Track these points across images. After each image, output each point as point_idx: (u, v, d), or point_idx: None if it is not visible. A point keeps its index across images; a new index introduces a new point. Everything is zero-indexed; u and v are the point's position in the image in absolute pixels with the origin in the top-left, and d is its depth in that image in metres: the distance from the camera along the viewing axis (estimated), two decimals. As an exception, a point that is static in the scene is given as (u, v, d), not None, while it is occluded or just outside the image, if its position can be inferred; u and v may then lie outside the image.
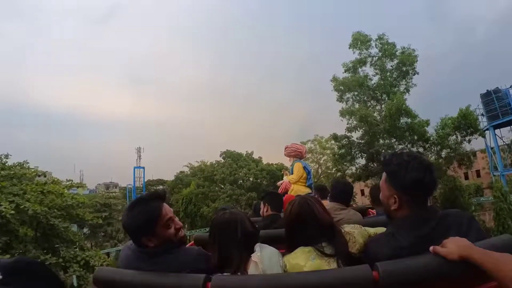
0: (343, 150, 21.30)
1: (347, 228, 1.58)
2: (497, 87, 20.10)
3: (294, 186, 4.76)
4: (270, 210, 2.97)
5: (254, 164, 31.20)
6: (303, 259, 1.41)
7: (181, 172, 41.34)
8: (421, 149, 19.60)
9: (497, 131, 21.43)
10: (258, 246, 1.49)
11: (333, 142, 25.14)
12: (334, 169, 26.06)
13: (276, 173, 30.77)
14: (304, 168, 4.92)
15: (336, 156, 22.17)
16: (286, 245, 1.59)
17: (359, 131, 20.26)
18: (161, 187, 41.73)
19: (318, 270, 1.31)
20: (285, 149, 5.20)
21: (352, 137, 21.31)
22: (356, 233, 1.52)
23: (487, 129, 20.45)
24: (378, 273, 1.05)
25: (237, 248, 1.47)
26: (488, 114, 20.13)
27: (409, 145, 19.66)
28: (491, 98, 19.99)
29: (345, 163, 21.54)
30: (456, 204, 16.30)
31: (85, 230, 29.91)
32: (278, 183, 5.21)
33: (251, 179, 30.77)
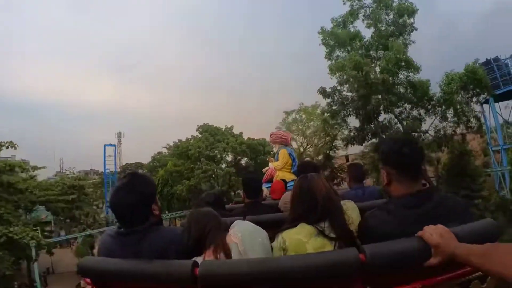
0: (335, 107, 18.22)
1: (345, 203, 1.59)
2: (497, 56, 18.48)
3: (280, 173, 4.77)
4: (246, 198, 2.85)
5: (233, 138, 28.19)
6: (305, 236, 1.37)
7: (158, 153, 39.06)
8: (422, 111, 16.95)
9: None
10: (236, 224, 1.49)
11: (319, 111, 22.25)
12: (323, 137, 23.05)
13: (257, 148, 27.92)
14: (290, 154, 4.96)
15: (326, 115, 19.19)
16: (289, 221, 1.52)
17: (352, 83, 16.84)
18: (140, 171, 38.94)
19: (306, 254, 1.27)
20: (270, 136, 5.36)
21: (344, 91, 18.27)
22: (350, 210, 1.53)
23: (486, 102, 18.80)
24: (365, 256, 1.06)
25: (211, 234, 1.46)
26: (490, 83, 17.90)
27: (408, 106, 16.90)
28: (491, 67, 18.11)
29: (336, 125, 18.63)
30: (466, 171, 14.13)
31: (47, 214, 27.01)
32: (264, 170, 5.17)
33: (229, 154, 27.86)
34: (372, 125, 16.91)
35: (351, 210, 1.52)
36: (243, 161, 28.84)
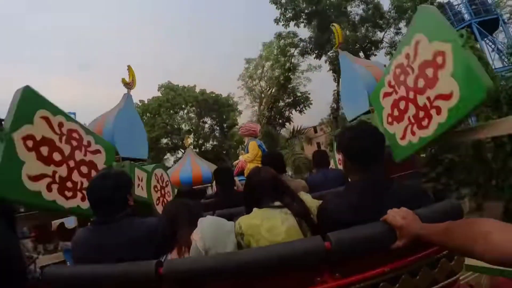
0: (288, 15, 18.44)
1: (301, 194, 1.63)
2: (449, 0, 18.75)
3: (250, 165, 4.84)
4: (219, 190, 2.97)
5: (197, 93, 27.41)
6: (259, 219, 1.42)
7: None
8: (378, 31, 17.47)
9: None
10: (199, 222, 1.46)
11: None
12: (279, 62, 22.99)
13: (223, 102, 27.37)
14: (259, 146, 5.09)
15: (282, 46, 19.20)
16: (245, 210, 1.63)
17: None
18: None
19: (269, 245, 1.24)
20: (239, 129, 6.07)
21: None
22: (308, 200, 1.59)
23: (469, 26, 18.20)
24: (331, 243, 1.06)
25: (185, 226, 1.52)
26: (472, 8, 18.04)
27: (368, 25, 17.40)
28: (444, 8, 18.26)
29: (289, 37, 18.77)
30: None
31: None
32: (234, 163, 5.31)
33: (193, 107, 27.07)
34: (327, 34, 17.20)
35: (310, 202, 1.57)
36: (206, 118, 28.10)
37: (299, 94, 25.22)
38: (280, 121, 25.24)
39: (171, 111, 26.67)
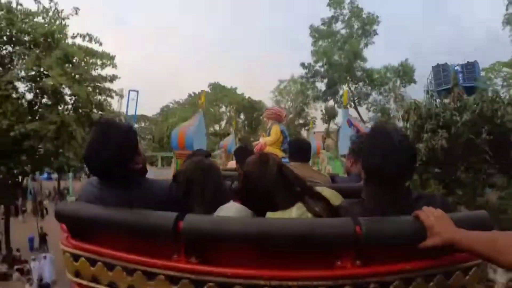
0: (309, 75, 28.65)
1: (323, 190, 1.36)
2: (446, 63, 22.61)
3: (269, 148, 4.78)
4: (240, 168, 2.70)
5: (239, 98, 36.64)
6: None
7: (166, 106, 42.38)
8: (369, 88, 26.87)
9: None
10: (220, 209, 1.27)
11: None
12: (300, 96, 32.62)
13: (255, 105, 36.91)
14: (282, 131, 5.04)
15: (303, 79, 29.76)
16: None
17: (323, 62, 27.19)
18: (142, 123, 44.48)
19: (300, 218, 1.18)
20: (265, 111, 5.64)
21: (316, 66, 28.35)
22: (333, 198, 1.32)
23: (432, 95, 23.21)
24: (361, 227, 0.99)
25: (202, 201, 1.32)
26: (435, 82, 22.95)
27: (360, 83, 26.89)
28: (439, 70, 22.69)
29: (308, 87, 29.32)
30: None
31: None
32: (254, 143, 5.38)
33: (233, 108, 36.80)
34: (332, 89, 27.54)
35: (335, 198, 1.34)
36: (242, 115, 37.87)
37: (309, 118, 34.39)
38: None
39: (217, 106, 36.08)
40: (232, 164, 3.76)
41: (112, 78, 12.34)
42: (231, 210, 1.25)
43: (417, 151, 1.49)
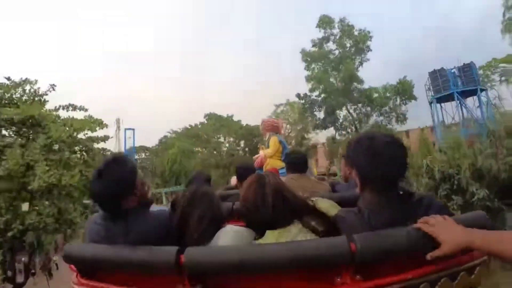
0: (307, 105, 27.77)
1: (319, 203, 1.43)
2: (442, 67, 22.85)
3: (270, 160, 4.80)
4: (240, 184, 2.78)
5: (234, 124, 35.93)
6: (274, 239, 1.27)
7: (164, 136, 42.96)
8: (368, 108, 25.50)
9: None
10: (219, 232, 1.33)
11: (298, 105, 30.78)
12: (299, 124, 31.79)
13: (253, 131, 35.93)
14: (280, 142, 4.99)
15: (302, 109, 28.96)
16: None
17: (319, 90, 26.13)
18: (143, 154, 43.41)
19: (293, 240, 1.22)
20: (261, 123, 5.38)
21: (313, 95, 27.54)
22: (330, 208, 1.38)
23: (432, 102, 23.13)
24: (355, 244, 1.00)
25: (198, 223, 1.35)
26: (434, 88, 22.88)
27: (359, 105, 25.54)
28: (436, 76, 22.74)
29: (307, 117, 27.97)
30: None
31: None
32: (254, 157, 5.23)
33: (231, 139, 35.79)
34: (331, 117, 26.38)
35: (331, 208, 1.37)
36: (241, 143, 36.82)
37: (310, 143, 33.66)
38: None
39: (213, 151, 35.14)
40: (234, 180, 3.69)
41: (104, 139, 11.92)
42: (228, 235, 1.32)
43: (406, 150, 1.23)
